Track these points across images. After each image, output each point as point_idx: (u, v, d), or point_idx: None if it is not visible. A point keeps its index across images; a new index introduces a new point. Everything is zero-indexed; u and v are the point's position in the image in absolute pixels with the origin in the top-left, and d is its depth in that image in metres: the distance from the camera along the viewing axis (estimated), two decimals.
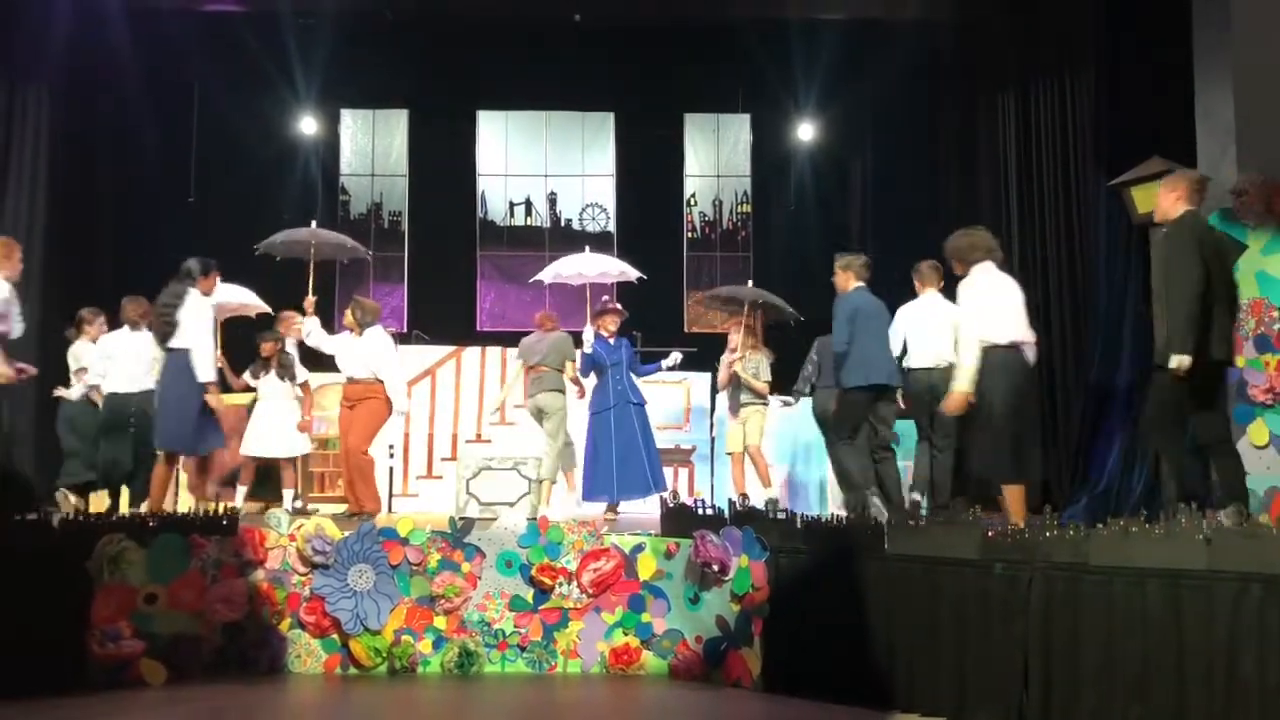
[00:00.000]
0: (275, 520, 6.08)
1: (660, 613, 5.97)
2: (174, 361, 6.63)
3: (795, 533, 5.62)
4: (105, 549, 5.62)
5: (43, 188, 9.18)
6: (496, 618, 5.97)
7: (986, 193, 9.58)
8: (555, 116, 12.04)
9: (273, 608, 5.87)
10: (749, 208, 12.01)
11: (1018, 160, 9.30)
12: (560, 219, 12.00)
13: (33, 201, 9.12)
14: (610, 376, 7.67)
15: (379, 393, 7.45)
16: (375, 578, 5.93)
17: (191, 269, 6.79)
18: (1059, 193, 8.91)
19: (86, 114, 9.67)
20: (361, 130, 11.85)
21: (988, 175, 9.59)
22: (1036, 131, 9.14)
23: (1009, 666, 4.68)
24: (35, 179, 9.16)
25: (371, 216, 11.79)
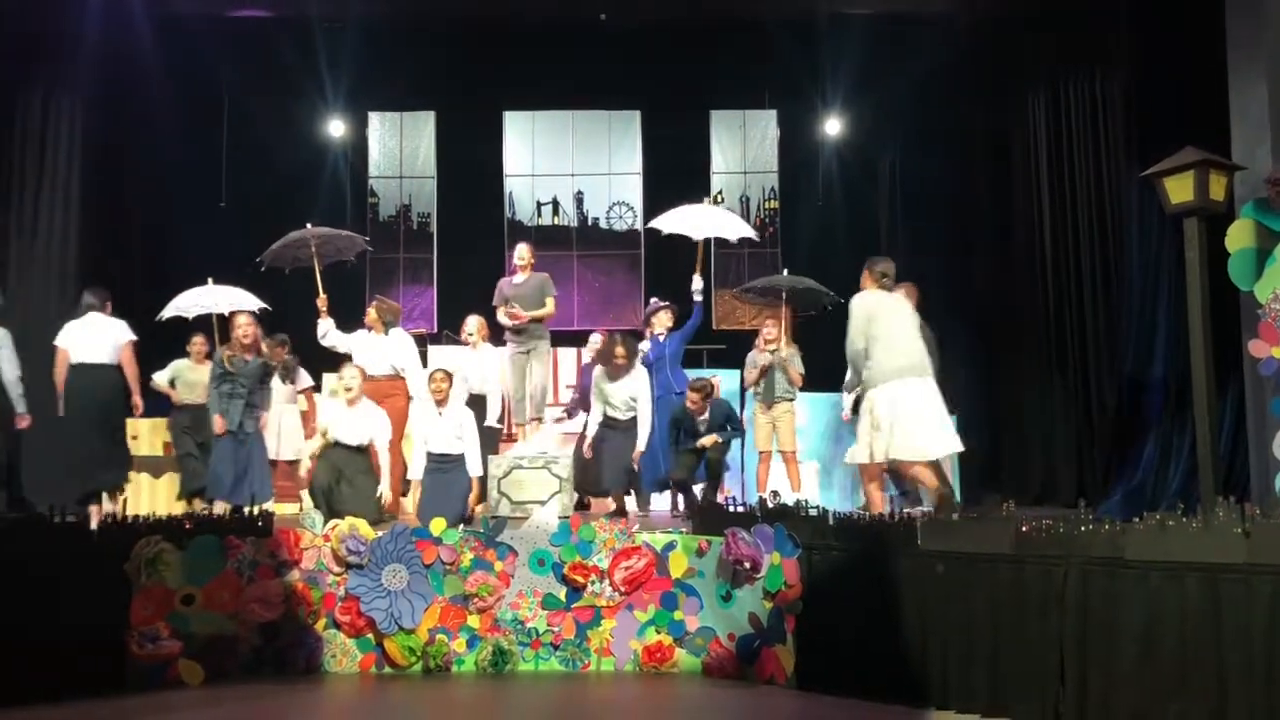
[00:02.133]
0: (310, 521, 6.13)
1: (693, 610, 5.97)
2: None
3: (827, 529, 5.60)
4: (142, 551, 5.68)
5: (76, 195, 9.31)
6: (530, 616, 5.99)
7: (1018, 187, 9.53)
8: (581, 116, 12.06)
9: (308, 608, 5.92)
10: (776, 204, 11.98)
11: (1049, 153, 9.24)
12: (587, 218, 12.02)
13: (66, 209, 9.25)
14: (655, 371, 7.73)
15: (402, 390, 7.54)
16: (409, 577, 5.96)
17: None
18: (1090, 185, 8.85)
19: (118, 121, 9.79)
20: (389, 133, 11.92)
21: (1019, 169, 9.54)
22: (1067, 124, 9.08)
23: (1045, 662, 4.65)
24: (69, 186, 9.29)
25: (400, 218, 11.86)
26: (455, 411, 7.13)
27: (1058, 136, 9.19)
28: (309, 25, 10.25)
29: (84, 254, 9.28)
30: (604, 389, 7.40)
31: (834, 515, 5.72)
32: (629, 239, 11.86)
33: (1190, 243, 5.55)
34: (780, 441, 7.75)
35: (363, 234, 8.92)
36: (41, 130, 9.12)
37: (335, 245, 8.28)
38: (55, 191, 9.18)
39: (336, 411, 7.16)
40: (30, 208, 9.00)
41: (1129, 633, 4.40)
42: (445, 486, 6.94)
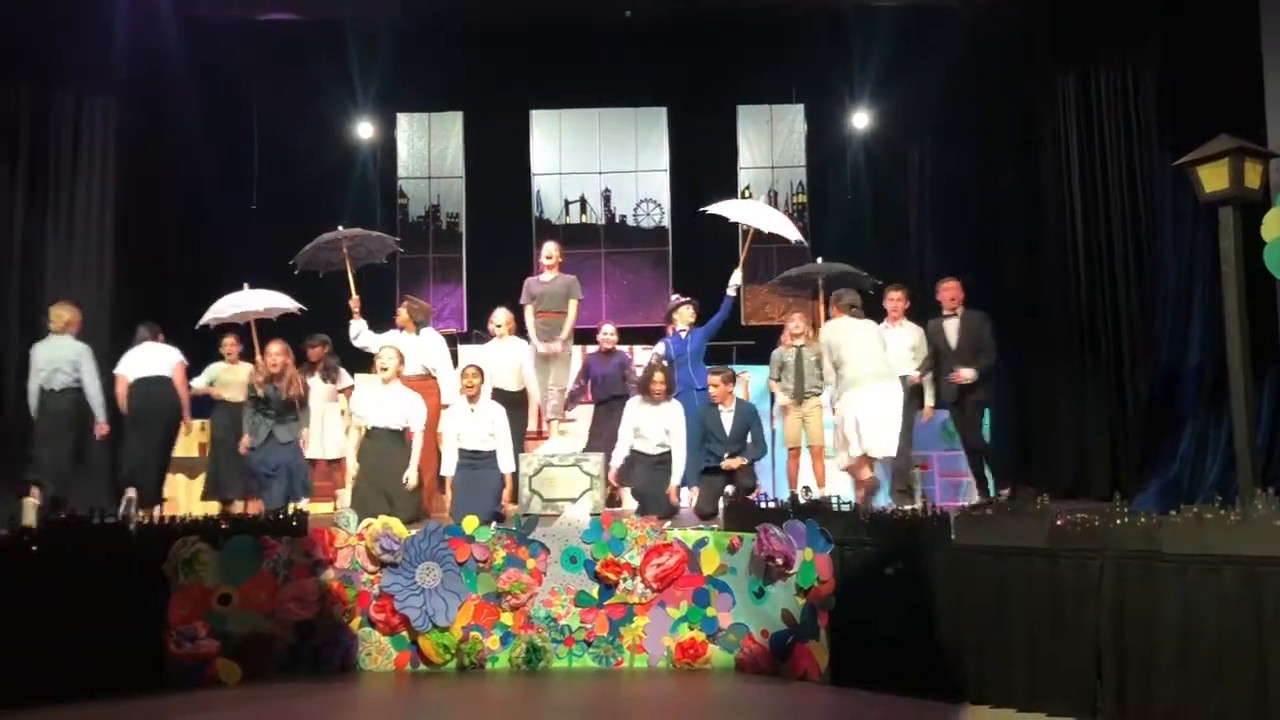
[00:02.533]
0: (344, 520, 6.18)
1: (725, 607, 5.97)
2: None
3: (859, 525, 5.59)
4: (179, 552, 5.75)
5: (110, 199, 9.39)
6: (562, 613, 6.01)
7: (1048, 176, 9.45)
8: (607, 113, 12.07)
9: (343, 606, 5.96)
10: (805, 198, 11.94)
11: (1079, 142, 9.15)
12: (615, 215, 12.03)
13: (102, 212, 9.34)
14: (676, 367, 7.72)
15: (434, 389, 7.60)
16: (443, 575, 5.99)
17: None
18: (1122, 174, 8.76)
19: (150, 125, 9.88)
20: (418, 134, 11.98)
21: (1049, 158, 9.45)
22: (1098, 112, 8.99)
23: (1081, 657, 4.62)
24: (104, 191, 9.37)
25: (430, 219, 11.92)
26: (487, 408, 7.15)
27: (1088, 125, 9.09)
28: (337, 28, 10.32)
29: (119, 256, 9.36)
30: (637, 421, 7.22)
31: (866, 510, 5.70)
32: (656, 236, 11.86)
33: (1225, 231, 5.48)
34: (810, 436, 7.71)
35: (392, 235, 8.96)
36: (75, 136, 9.20)
37: (367, 247, 8.34)
38: (90, 196, 9.27)
39: (370, 393, 7.17)
40: (65, 212, 9.09)
41: (1166, 627, 4.36)
42: (478, 483, 6.96)
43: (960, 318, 7.55)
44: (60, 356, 7.44)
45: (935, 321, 7.71)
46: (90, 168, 9.29)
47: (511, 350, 7.92)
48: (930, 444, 8.57)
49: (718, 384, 7.20)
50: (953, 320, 7.57)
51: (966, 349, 7.50)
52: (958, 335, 7.53)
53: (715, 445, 7.15)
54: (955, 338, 7.53)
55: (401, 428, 7.04)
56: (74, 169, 9.18)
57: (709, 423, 7.19)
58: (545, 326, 7.86)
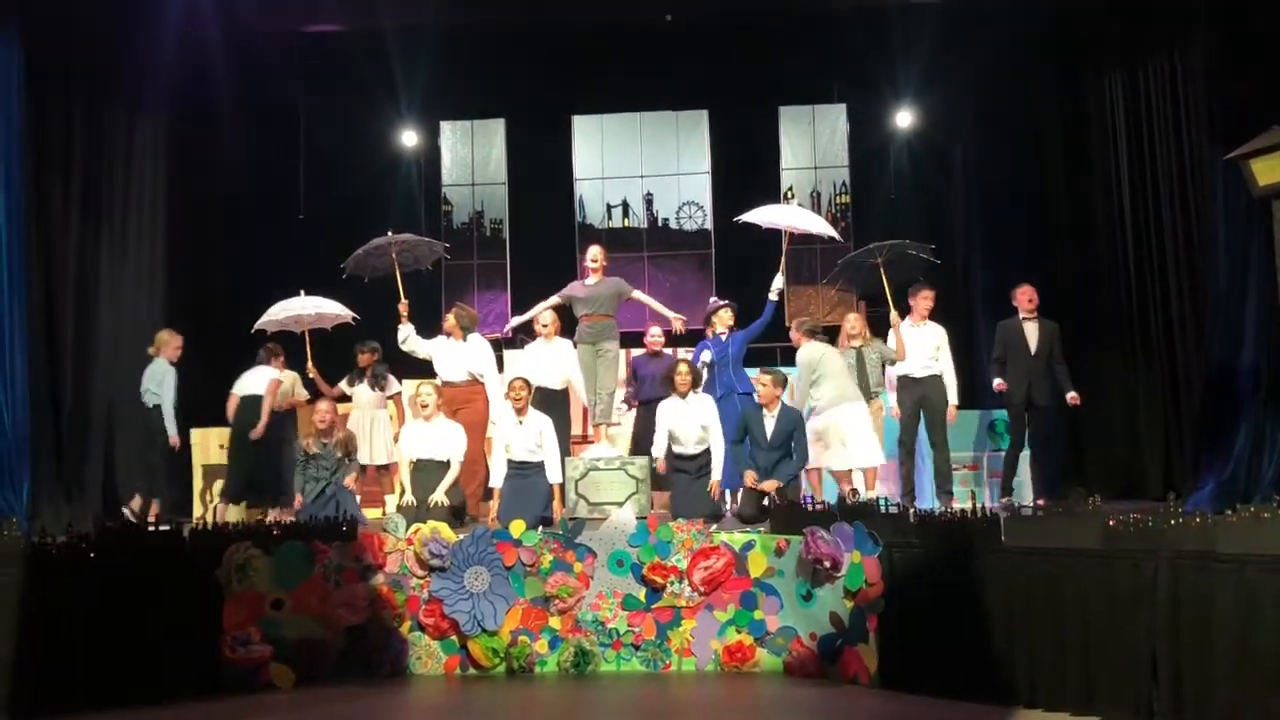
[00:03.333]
0: (393, 525, 6.24)
1: (773, 610, 5.96)
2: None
3: (908, 527, 5.56)
4: (233, 558, 5.84)
5: (161, 212, 9.56)
6: (610, 617, 6.03)
7: (1097, 172, 9.33)
8: (649, 117, 12.06)
9: (393, 611, 6.03)
10: (848, 199, 11.86)
11: (1128, 137, 9.04)
12: (657, 219, 12.03)
13: (153, 226, 9.51)
14: (718, 370, 7.72)
15: (482, 395, 7.66)
16: (491, 579, 6.04)
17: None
18: (1173, 169, 8.64)
19: (199, 138, 10.03)
20: (461, 141, 12.05)
21: (1097, 153, 9.34)
22: (1147, 106, 8.87)
23: (1136, 660, 4.57)
24: (155, 203, 9.54)
25: (473, 225, 11.99)
26: (535, 420, 7.19)
27: (1136, 118, 8.97)
28: (379, 38, 10.41)
29: (170, 269, 9.53)
30: (670, 421, 7.22)
31: (915, 512, 5.67)
32: (699, 239, 11.84)
33: (1279, 225, 5.39)
34: None
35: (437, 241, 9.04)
36: (128, 151, 9.37)
37: (414, 253, 8.43)
38: (142, 209, 9.43)
39: (416, 431, 7.32)
40: (119, 226, 9.25)
41: (1224, 628, 4.30)
42: (525, 490, 7.00)
43: (1039, 323, 7.73)
44: (151, 376, 8.07)
45: (1011, 322, 7.82)
46: (141, 182, 9.46)
47: (557, 352, 7.95)
48: (980, 444, 8.51)
49: (766, 384, 7.17)
50: (1031, 324, 7.80)
51: (1042, 354, 7.72)
52: (1036, 340, 7.75)
53: (755, 450, 7.13)
54: (1035, 341, 7.71)
55: (446, 459, 7.20)
56: (127, 183, 9.34)
57: (751, 424, 7.17)
58: (591, 330, 7.88)
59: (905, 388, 7.87)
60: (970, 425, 8.47)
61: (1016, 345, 7.83)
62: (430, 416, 7.23)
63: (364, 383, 8.26)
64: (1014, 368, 7.82)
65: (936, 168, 11.38)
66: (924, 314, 7.92)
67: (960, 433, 8.41)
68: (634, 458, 7.04)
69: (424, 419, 7.26)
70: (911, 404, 7.82)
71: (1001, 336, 7.96)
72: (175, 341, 8.13)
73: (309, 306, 8.08)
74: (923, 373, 7.82)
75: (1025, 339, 7.82)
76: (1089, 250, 9.40)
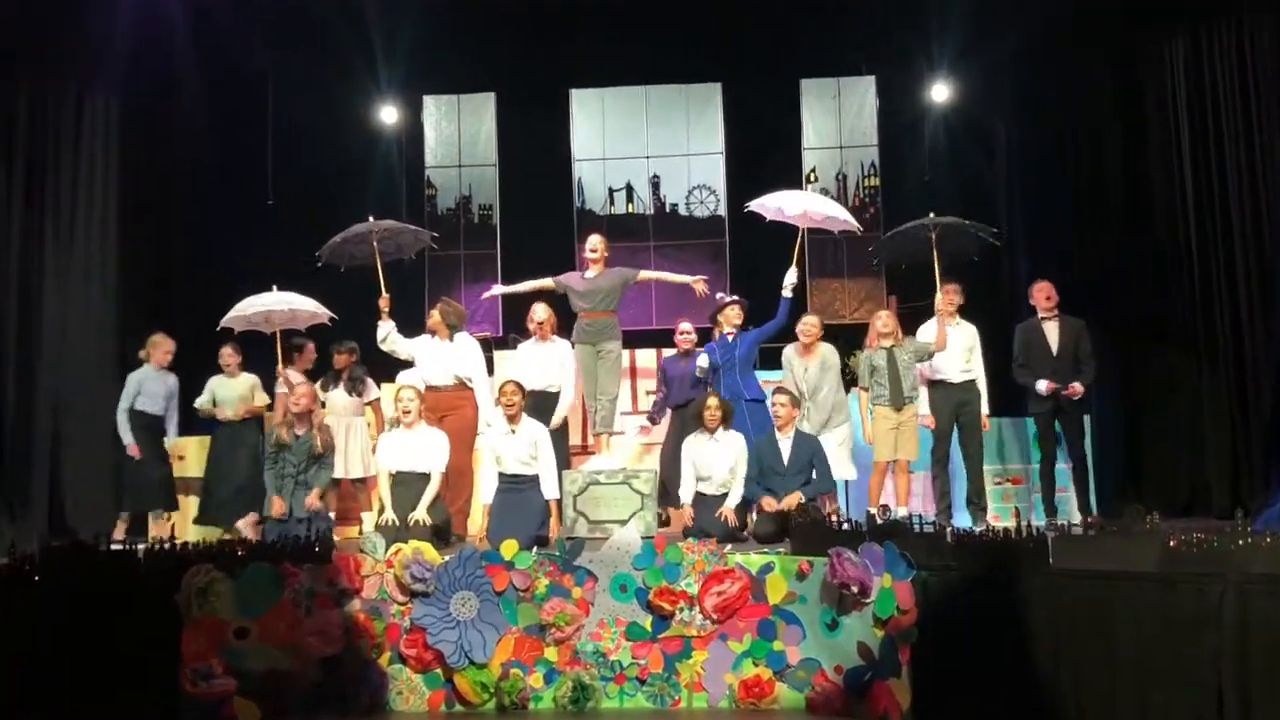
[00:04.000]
0: (371, 545, 6.23)
1: (794, 640, 5.95)
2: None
3: (945, 548, 5.55)
4: (192, 581, 5.84)
5: (113, 198, 9.56)
6: (612, 648, 6.02)
7: (1155, 154, 9.30)
8: (655, 91, 12.06)
9: (371, 640, 6.02)
10: (877, 181, 11.85)
11: (1190, 115, 9.01)
12: (664, 204, 12.03)
13: (105, 210, 9.51)
14: (723, 374, 7.71)
15: (470, 400, 7.64)
16: (479, 606, 6.03)
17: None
18: (1240, 149, 8.63)
19: (156, 118, 10.04)
20: (446, 118, 12.05)
21: (1156, 132, 9.31)
22: (1212, 78, 8.85)
23: (1200, 693, 4.55)
24: (106, 188, 9.54)
25: (460, 211, 11.99)
26: (529, 429, 7.19)
27: (1200, 93, 8.95)
28: (356, 3, 10.42)
29: (124, 259, 9.53)
30: (696, 458, 7.28)
31: (952, 532, 5.65)
32: (711, 226, 11.83)
33: None
34: (901, 449, 7.66)
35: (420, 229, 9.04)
36: (76, 130, 9.38)
37: (397, 242, 8.45)
38: (92, 195, 9.43)
39: (395, 440, 7.29)
40: (66, 213, 9.26)
41: None
42: (518, 506, 7.00)
43: (1060, 321, 7.70)
44: (147, 382, 8.31)
45: (1030, 323, 7.81)
46: (91, 165, 9.46)
47: (554, 353, 7.95)
48: (1025, 455, 8.50)
49: (784, 404, 7.20)
50: (1051, 323, 7.79)
51: (1067, 355, 7.67)
52: (1059, 339, 7.71)
53: (773, 479, 7.15)
54: (1056, 342, 7.68)
55: (428, 470, 7.16)
56: (75, 167, 9.35)
57: (765, 455, 7.18)
58: (590, 328, 7.88)
59: (940, 394, 7.86)
60: (1014, 434, 8.46)
61: (1038, 347, 7.86)
62: (411, 424, 7.22)
63: (339, 387, 8.25)
64: (1037, 371, 7.84)
65: (976, 147, 11.37)
66: (952, 313, 7.88)
67: (1004, 442, 8.41)
68: (639, 470, 7.04)
69: (404, 426, 7.24)
70: (947, 412, 7.81)
71: (1021, 339, 7.99)
72: (167, 345, 8.34)
73: (281, 303, 8.09)
74: (959, 377, 7.82)
75: (1046, 339, 7.84)
76: (1146, 238, 9.37)
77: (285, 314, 8.15)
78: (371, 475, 8.02)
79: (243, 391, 8.24)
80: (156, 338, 8.31)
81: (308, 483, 7.24)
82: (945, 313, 7.86)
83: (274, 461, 7.27)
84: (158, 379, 8.26)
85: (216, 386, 8.29)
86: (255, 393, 8.32)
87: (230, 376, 8.30)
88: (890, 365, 7.65)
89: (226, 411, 8.22)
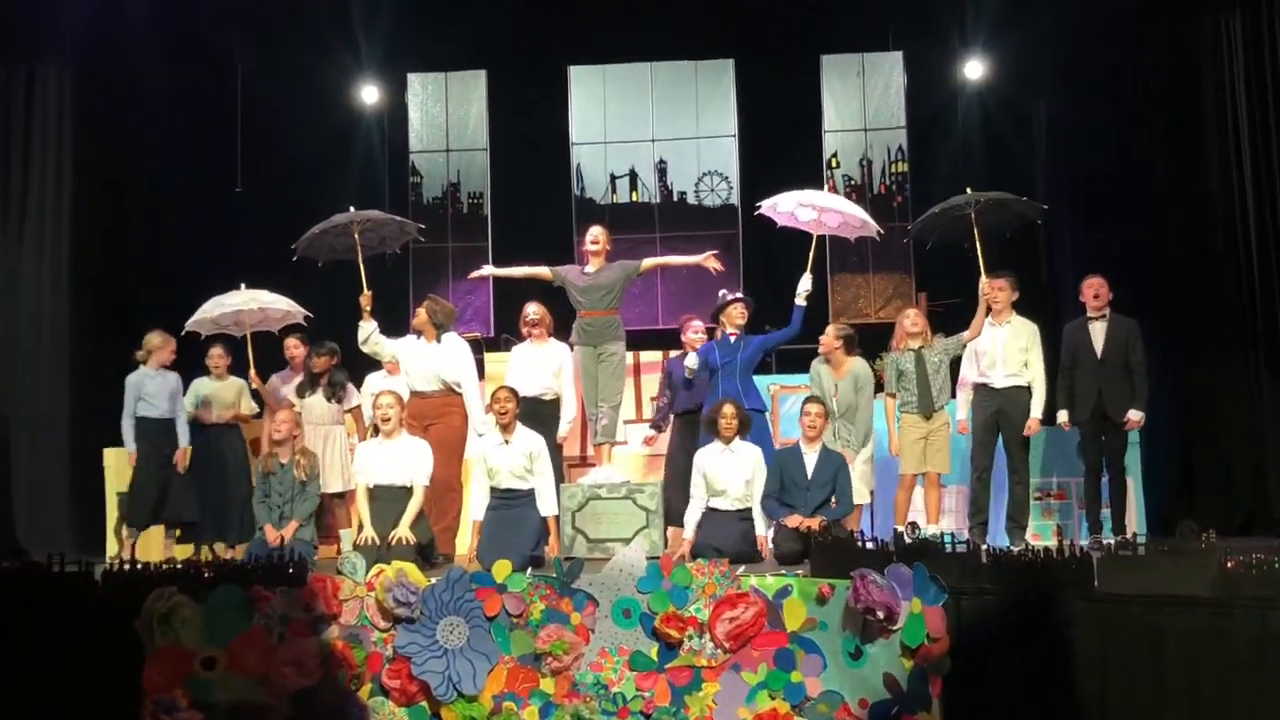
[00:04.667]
0: (350, 566, 6.24)
1: (814, 671, 5.95)
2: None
3: (980, 569, 5.56)
4: (155, 606, 5.85)
5: (68, 183, 9.59)
6: (614, 679, 6.03)
7: (1211, 139, 9.31)
8: (662, 68, 12.07)
9: (350, 671, 6.04)
10: (905, 167, 11.86)
11: (1248, 94, 9.02)
12: (672, 192, 12.05)
13: (57, 198, 9.54)
14: (722, 378, 7.71)
15: (458, 408, 7.65)
16: (469, 633, 6.04)
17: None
18: None
19: (113, 96, 10.04)
20: (432, 98, 12.07)
21: (1211, 115, 9.32)
22: (1274, 59, 8.85)
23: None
24: (60, 173, 9.57)
25: (448, 200, 12.01)
26: (524, 439, 7.20)
27: (1260, 69, 8.95)
28: None
29: (78, 253, 9.55)
30: (709, 469, 7.27)
31: (988, 551, 5.66)
32: (723, 216, 11.84)
33: None
34: (931, 461, 7.66)
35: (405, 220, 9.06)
36: (26, 110, 9.42)
37: (380, 234, 8.46)
38: (44, 183, 9.47)
39: (374, 451, 7.29)
40: (17, 199, 9.31)
41: None
42: (511, 524, 7.01)
43: (1109, 322, 7.65)
44: (148, 384, 8.15)
45: (1076, 324, 7.77)
46: (44, 148, 9.50)
47: (550, 355, 7.97)
48: (1070, 467, 8.49)
49: (817, 415, 7.23)
50: (1099, 324, 7.72)
51: (1115, 360, 7.60)
52: (1104, 342, 7.66)
53: (795, 494, 7.16)
54: (1103, 344, 7.64)
55: (409, 483, 7.17)
56: (26, 153, 9.40)
57: (788, 467, 7.19)
58: (591, 328, 7.89)
59: (981, 398, 7.85)
60: (1058, 444, 8.46)
61: (1083, 350, 7.79)
62: (391, 432, 7.23)
63: (318, 392, 8.26)
64: (1082, 378, 7.78)
65: (1014, 129, 11.37)
66: (1002, 310, 7.85)
67: (1044, 453, 8.40)
68: (644, 485, 7.06)
69: (383, 436, 7.26)
70: (985, 419, 7.80)
71: (1068, 341, 7.91)
72: (170, 344, 8.22)
73: (251, 302, 8.11)
74: (1003, 381, 7.76)
75: (1091, 342, 7.77)
76: (1201, 232, 9.39)
77: (256, 314, 8.18)
78: (350, 489, 8.03)
79: (229, 398, 8.25)
80: (155, 337, 8.15)
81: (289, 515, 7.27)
82: (992, 300, 7.81)
83: (264, 494, 7.30)
84: (159, 379, 8.11)
85: (202, 390, 8.28)
86: (242, 399, 8.33)
87: (218, 380, 8.30)
88: (919, 368, 7.66)
89: (213, 415, 8.23)
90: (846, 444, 7.73)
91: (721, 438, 7.25)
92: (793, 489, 7.14)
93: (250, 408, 8.37)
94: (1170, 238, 9.60)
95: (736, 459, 7.24)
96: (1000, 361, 7.76)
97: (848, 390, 7.84)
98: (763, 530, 7.19)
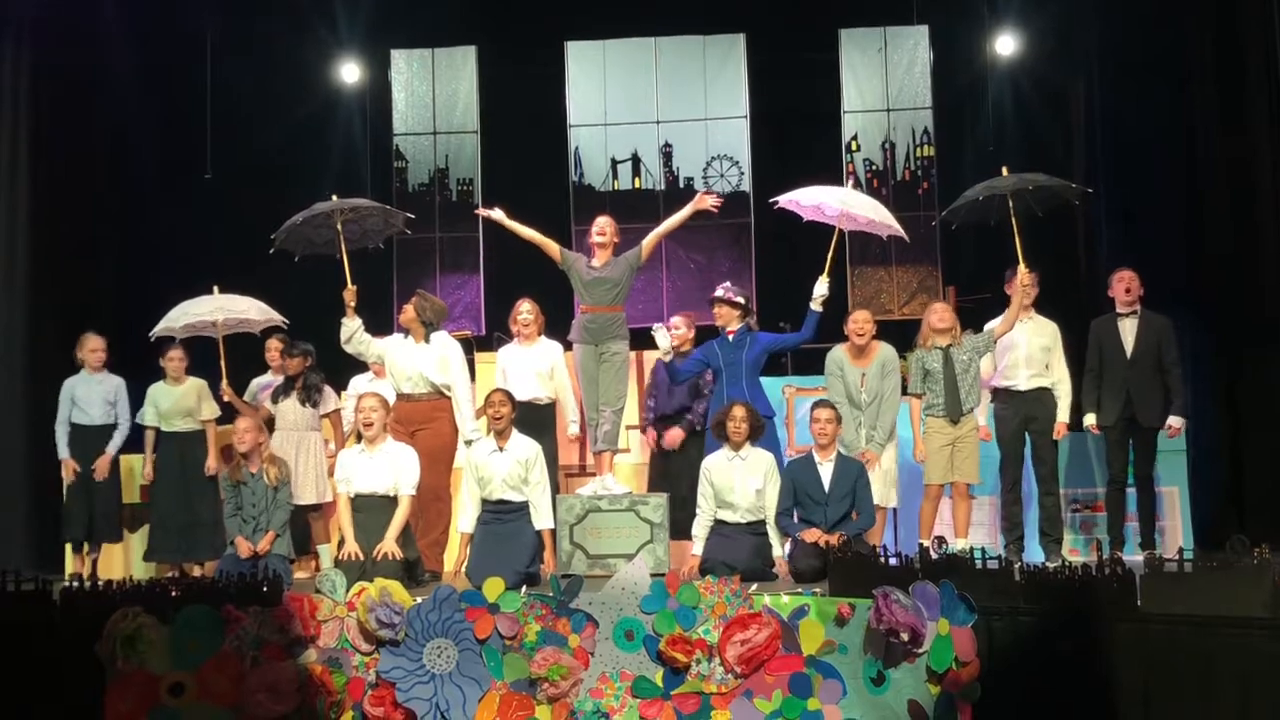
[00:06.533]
0: (329, 585, 6.23)
1: (832, 698, 5.94)
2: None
3: (1013, 587, 5.55)
4: (118, 627, 5.84)
5: (23, 168, 9.59)
6: (616, 706, 6.02)
7: (1259, 122, 9.30)
8: (667, 44, 12.08)
9: (329, 698, 6.02)
10: (931, 151, 11.87)
11: None
12: (678, 178, 12.05)
13: (12, 186, 9.54)
14: (725, 381, 7.69)
15: (446, 412, 7.65)
16: (458, 656, 6.04)
17: None
18: None
19: (73, 74, 10.04)
20: (418, 76, 12.08)
21: (1258, 98, 9.31)
22: None
23: None
24: (15, 158, 9.57)
25: (435, 186, 12.02)
26: (519, 447, 7.19)
27: None
28: None
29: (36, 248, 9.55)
30: (718, 480, 7.26)
31: (1021, 569, 5.65)
32: (734, 204, 11.81)
33: None
34: (959, 470, 7.63)
35: (390, 208, 9.06)
36: None
37: (363, 225, 8.46)
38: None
39: (356, 459, 7.30)
40: None
41: None
42: (504, 538, 7.00)
43: (1140, 318, 7.64)
44: (87, 388, 8.29)
45: (1104, 320, 7.76)
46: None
47: (542, 356, 7.96)
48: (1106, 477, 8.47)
49: (829, 420, 7.21)
50: (1129, 320, 7.71)
51: (1146, 360, 7.59)
52: (1135, 340, 7.65)
53: (812, 509, 7.15)
54: (1133, 342, 7.62)
55: (394, 493, 7.18)
56: None
57: (803, 478, 7.18)
58: (593, 325, 7.87)
59: (1007, 404, 7.85)
60: (1096, 452, 8.44)
61: (1111, 348, 7.80)
62: (374, 439, 7.23)
63: (292, 396, 8.25)
64: (1109, 378, 7.78)
65: (1048, 112, 11.39)
66: (1030, 303, 7.86)
67: (1082, 462, 8.38)
68: (648, 496, 7.05)
69: (367, 442, 7.25)
70: (1014, 425, 7.79)
71: (1095, 339, 7.91)
72: (92, 343, 8.31)
73: (220, 313, 8.13)
74: (1029, 384, 7.80)
75: (1121, 339, 7.77)
76: (1248, 222, 9.38)
77: (234, 319, 8.21)
78: (326, 501, 8.03)
79: (188, 403, 8.24)
80: (84, 336, 8.28)
81: (263, 528, 7.27)
82: (1028, 294, 7.81)
83: (235, 507, 7.31)
84: (92, 383, 8.21)
85: (157, 395, 8.28)
86: (203, 402, 8.32)
87: (174, 384, 8.29)
88: (946, 368, 7.62)
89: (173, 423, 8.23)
90: (871, 439, 7.72)
91: (731, 443, 7.23)
92: (809, 504, 7.12)
93: (212, 410, 8.34)
94: (1214, 224, 9.60)
95: (747, 467, 7.22)
96: (1024, 361, 7.77)
97: (875, 377, 7.80)
98: (779, 550, 7.17)
